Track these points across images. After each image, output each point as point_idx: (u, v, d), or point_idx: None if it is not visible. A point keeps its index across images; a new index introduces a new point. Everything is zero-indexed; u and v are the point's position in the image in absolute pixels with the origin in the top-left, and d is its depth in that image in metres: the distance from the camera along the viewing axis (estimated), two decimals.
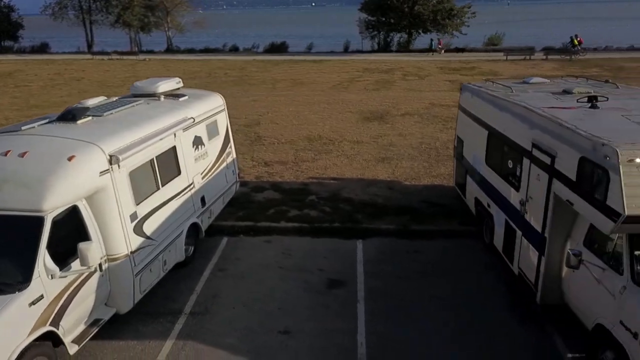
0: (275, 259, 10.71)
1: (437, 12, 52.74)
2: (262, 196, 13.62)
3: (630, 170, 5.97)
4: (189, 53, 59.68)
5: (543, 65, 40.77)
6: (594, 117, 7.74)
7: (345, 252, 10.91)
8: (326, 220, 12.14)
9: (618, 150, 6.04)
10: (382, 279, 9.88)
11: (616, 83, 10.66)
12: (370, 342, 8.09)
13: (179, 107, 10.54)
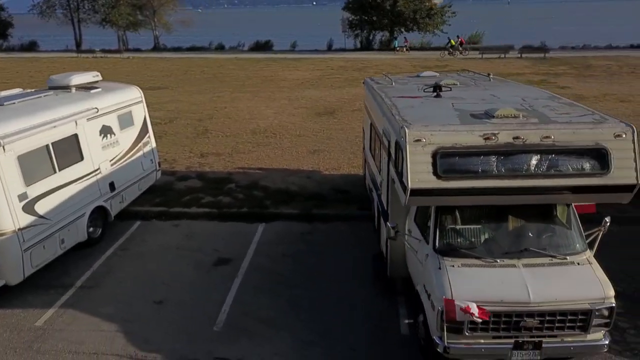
0: (177, 241, 11.50)
1: (417, 11, 53.30)
2: (184, 184, 14.42)
3: (416, 149, 6.75)
4: (175, 51, 60.48)
5: (514, 63, 41.46)
6: (427, 104, 8.52)
7: (245, 235, 11.69)
8: (235, 206, 12.92)
9: (407, 131, 6.82)
10: (268, 257, 10.67)
11: (491, 76, 11.37)
12: (233, 310, 8.88)
13: (85, 98, 11.34)
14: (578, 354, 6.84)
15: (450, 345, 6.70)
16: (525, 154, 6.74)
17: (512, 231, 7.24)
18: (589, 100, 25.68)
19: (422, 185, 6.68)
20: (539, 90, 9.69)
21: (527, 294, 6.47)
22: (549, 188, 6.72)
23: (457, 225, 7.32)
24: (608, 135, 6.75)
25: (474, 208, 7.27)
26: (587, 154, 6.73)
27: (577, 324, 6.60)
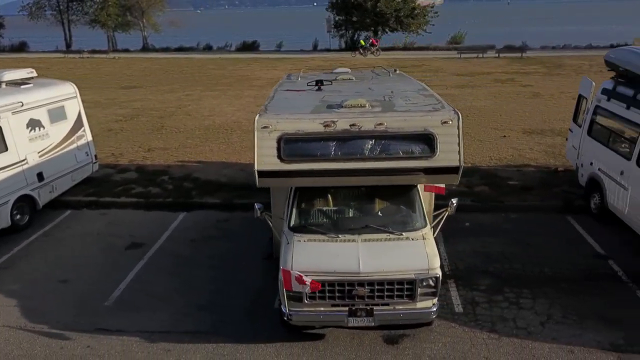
0: (99, 228, 12.24)
1: (400, 11, 53.95)
2: (121, 176, 15.17)
3: (263, 135, 7.48)
4: (163, 52, 61.24)
5: (489, 63, 42.07)
6: (301, 97, 9.23)
7: (164, 222, 12.43)
8: (162, 196, 13.65)
9: (256, 119, 7.55)
10: (178, 243, 11.40)
11: (394, 72, 12.08)
12: (129, 288, 9.62)
13: (13, 93, 12.10)
14: (408, 321, 7.53)
15: (292, 313, 7.41)
16: (361, 139, 7.45)
17: (357, 210, 7.96)
18: (544, 97, 26.40)
19: (268, 168, 7.41)
20: (417, 84, 10.38)
21: (358, 265, 7.18)
22: (381, 170, 7.43)
23: (310, 205, 8.03)
24: (436, 122, 7.46)
25: (326, 189, 7.98)
26: (416, 139, 7.43)
27: (405, 293, 7.29)
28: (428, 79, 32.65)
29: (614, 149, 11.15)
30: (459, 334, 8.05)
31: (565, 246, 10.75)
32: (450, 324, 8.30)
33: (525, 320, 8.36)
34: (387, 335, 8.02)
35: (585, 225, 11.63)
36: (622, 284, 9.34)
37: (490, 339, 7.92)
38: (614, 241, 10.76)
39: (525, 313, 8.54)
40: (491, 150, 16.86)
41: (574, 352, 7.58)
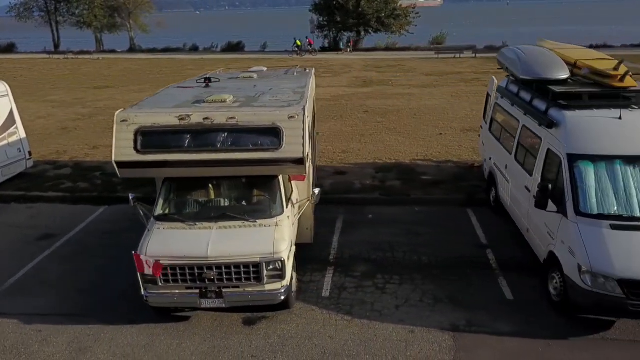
0: (21, 221, 12.80)
1: (381, 11, 54.47)
2: (55, 172, 15.73)
3: (121, 128, 8.03)
4: (149, 52, 61.83)
5: (463, 63, 42.49)
6: (180, 93, 9.77)
7: (83, 215, 12.98)
8: (89, 190, 14.19)
9: (116, 113, 8.10)
10: (89, 234, 11.97)
11: (296, 72, 12.62)
12: (26, 275, 10.19)
13: None
14: (258, 302, 8.06)
15: (149, 295, 7.95)
16: (213, 132, 8.00)
17: (218, 200, 8.50)
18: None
19: (125, 159, 7.96)
20: (302, 83, 10.89)
21: (206, 250, 7.71)
22: (232, 161, 7.97)
23: (175, 195, 8.58)
24: (283, 117, 7.99)
25: (190, 180, 8.52)
26: (264, 132, 7.98)
27: (252, 276, 7.82)
28: (396, 79, 33.27)
29: (503, 144, 11.67)
30: (315, 316, 8.56)
31: (453, 237, 11.24)
32: (312, 307, 8.80)
33: (382, 303, 8.86)
34: (247, 318, 8.53)
35: (481, 217, 12.12)
36: (490, 271, 9.84)
37: (343, 320, 8.42)
38: (499, 232, 11.27)
39: (386, 297, 9.04)
40: (421, 147, 17.36)
41: (414, 332, 8.09)
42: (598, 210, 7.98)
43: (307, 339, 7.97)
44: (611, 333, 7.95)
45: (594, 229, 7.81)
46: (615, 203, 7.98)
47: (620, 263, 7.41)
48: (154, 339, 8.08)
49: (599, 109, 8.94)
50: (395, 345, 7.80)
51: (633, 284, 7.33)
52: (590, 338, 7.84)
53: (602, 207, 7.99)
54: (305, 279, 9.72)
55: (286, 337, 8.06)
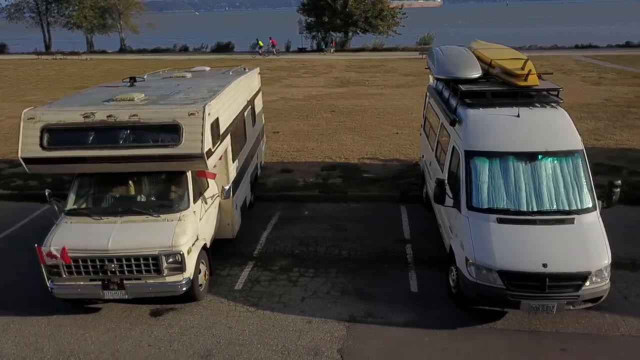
0: None
1: (368, 12, 54.76)
2: (10, 171, 16.07)
3: (28, 125, 8.33)
4: (139, 53, 62.18)
5: None
6: (105, 91, 10.05)
7: (29, 212, 13.28)
8: (38, 188, 14.50)
9: (23, 111, 8.40)
10: (28, 230, 12.22)
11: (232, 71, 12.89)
12: None
13: None
14: (159, 293, 8.34)
15: (53, 286, 8.24)
16: (116, 129, 8.28)
17: (126, 195, 8.78)
18: None
19: (30, 155, 8.26)
20: (224, 81, 11.15)
21: (107, 243, 8.00)
22: (134, 157, 8.26)
23: (86, 191, 8.87)
24: (184, 114, 8.29)
25: (100, 176, 8.81)
26: (165, 129, 8.26)
27: (152, 268, 8.11)
28: (373, 79, 33.50)
29: (430, 141, 11.95)
30: (222, 307, 8.85)
31: (378, 232, 11.51)
32: (221, 299, 9.09)
33: (290, 295, 9.14)
34: (155, 309, 8.82)
35: (411, 213, 12.40)
36: (404, 265, 10.11)
37: (247, 311, 8.71)
38: (424, 228, 11.53)
39: (295, 290, 9.33)
40: (374, 146, 17.63)
41: (311, 322, 8.37)
42: (488, 205, 8.25)
43: (207, 329, 8.25)
44: (500, 323, 8.21)
45: (482, 223, 8.09)
46: (504, 198, 8.25)
47: (501, 255, 7.68)
48: (60, 329, 8.37)
49: (501, 107, 9.19)
50: (289, 335, 8.07)
51: (512, 275, 7.59)
52: (478, 328, 8.11)
53: (492, 202, 8.26)
54: (224, 272, 9.98)
55: (187, 327, 8.34)
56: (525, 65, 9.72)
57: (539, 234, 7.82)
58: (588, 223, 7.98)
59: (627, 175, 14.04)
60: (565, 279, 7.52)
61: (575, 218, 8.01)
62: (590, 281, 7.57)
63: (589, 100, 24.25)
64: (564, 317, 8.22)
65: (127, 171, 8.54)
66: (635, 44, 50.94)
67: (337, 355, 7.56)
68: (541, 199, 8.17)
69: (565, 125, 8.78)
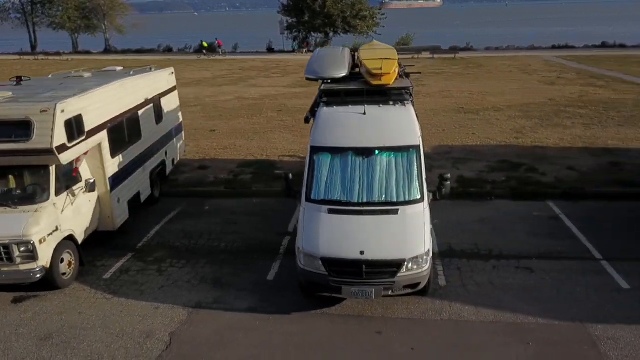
0: None
1: (346, 12, 55.20)
2: None
3: None
4: (123, 53, 62.77)
5: (417, 63, 42.74)
6: None
7: None
8: None
9: None
10: None
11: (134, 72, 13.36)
12: None
13: None
14: (13, 280, 8.84)
15: None
16: None
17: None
18: (419, 96, 27.34)
19: None
20: (107, 81, 11.57)
21: None
22: None
23: None
24: (36, 111, 8.79)
25: None
26: (18, 125, 8.76)
27: (4, 256, 8.61)
28: None
29: None
30: (82, 295, 9.36)
31: (265, 226, 12.00)
32: (85, 287, 9.62)
33: (151, 284, 9.65)
34: (20, 296, 9.33)
35: None
36: (274, 256, 10.59)
37: (104, 298, 9.22)
38: None
39: (159, 279, 9.84)
40: (302, 144, 18.02)
41: (159, 308, 8.87)
42: (323, 197, 8.73)
43: (58, 315, 8.75)
44: (333, 309, 8.68)
45: (315, 214, 8.57)
46: (339, 190, 8.72)
47: (324, 243, 8.16)
48: None
49: (354, 105, 9.65)
50: (132, 319, 8.56)
51: (333, 262, 8.06)
52: (311, 313, 8.58)
53: (327, 194, 8.74)
54: (100, 263, 10.49)
55: (40, 312, 8.84)
56: (383, 66, 10.17)
57: (363, 224, 8.29)
58: (412, 214, 8.44)
59: (523, 172, 14.47)
60: (380, 266, 7.97)
61: (400, 209, 8.46)
62: (406, 268, 8.00)
63: (532, 99, 24.68)
64: (395, 304, 8.67)
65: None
66: (611, 45, 51.20)
67: (167, 338, 8.03)
68: (372, 192, 8.64)
69: (406, 123, 9.25)
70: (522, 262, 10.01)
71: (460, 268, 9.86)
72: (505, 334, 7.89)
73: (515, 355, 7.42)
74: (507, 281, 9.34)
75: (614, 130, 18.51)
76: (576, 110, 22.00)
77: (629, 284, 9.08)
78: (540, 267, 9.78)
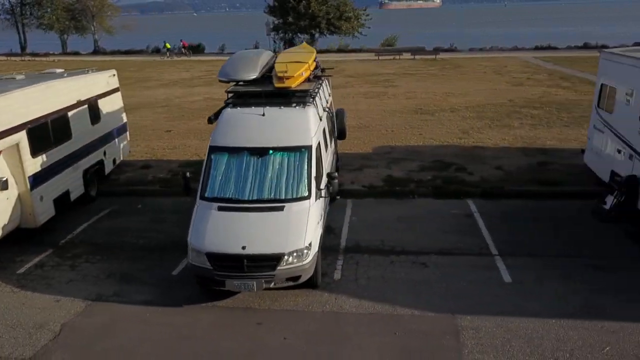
0: None
1: (330, 14, 55.61)
2: None
3: None
4: (111, 54, 63.35)
5: (397, 64, 43.48)
6: None
7: None
8: None
9: None
10: None
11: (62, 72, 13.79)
12: None
13: None
14: None
15: None
16: None
17: None
18: (384, 97, 27.80)
19: None
20: (32, 83, 12.00)
21: None
22: None
23: None
24: None
25: None
26: None
27: None
28: None
29: None
30: None
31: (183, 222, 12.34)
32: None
33: (62, 278, 10.07)
34: None
35: None
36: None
37: (11, 291, 9.63)
38: None
39: (72, 274, 10.25)
40: None
41: (60, 300, 9.28)
42: (217, 195, 9.14)
43: None
44: (224, 302, 9.09)
45: (206, 211, 8.99)
46: (232, 189, 9.14)
47: (209, 239, 8.58)
48: None
49: (257, 106, 10.06)
50: (30, 311, 8.98)
51: (216, 257, 8.48)
52: (202, 305, 8.99)
53: (220, 192, 9.16)
54: (19, 258, 10.91)
55: None
56: (288, 69, 10.58)
57: (248, 220, 8.71)
58: (297, 211, 8.85)
59: (452, 171, 14.86)
60: (260, 260, 8.39)
61: (286, 206, 8.87)
62: (286, 262, 8.40)
63: (493, 100, 25.04)
64: (285, 296, 9.08)
65: None
66: (592, 46, 51.47)
67: (58, 328, 8.44)
68: (262, 190, 9.06)
69: (301, 124, 9.65)
70: (420, 257, 10.35)
71: (359, 263, 10.21)
72: (378, 325, 8.28)
73: (379, 344, 7.81)
74: (398, 275, 9.72)
75: (558, 130, 18.87)
76: (530, 111, 22.34)
77: (512, 278, 9.43)
78: (435, 262, 10.14)
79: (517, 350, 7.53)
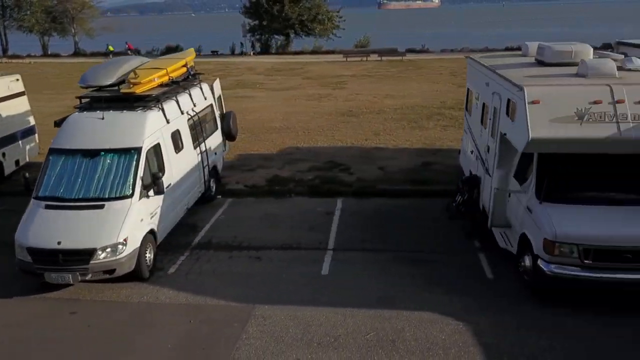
0: None
1: (303, 16, 56.27)
2: None
3: None
4: (92, 56, 64.12)
5: (362, 65, 43.79)
6: None
7: None
8: None
9: None
10: None
11: None
12: None
13: None
14: None
15: None
16: None
17: None
18: (328, 99, 28.29)
19: None
20: None
21: None
22: None
23: None
24: None
25: None
26: None
27: None
28: (270, 82, 34.75)
29: None
30: None
31: None
32: None
33: None
34: None
35: None
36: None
37: None
38: None
39: None
40: None
41: None
42: (46, 194, 9.80)
43: None
44: (54, 293, 9.67)
45: (35, 209, 9.66)
46: (61, 188, 9.81)
47: (31, 235, 9.27)
48: None
49: (102, 110, 10.71)
50: None
51: (34, 251, 9.16)
52: (32, 297, 9.58)
53: (51, 191, 9.83)
54: None
55: None
56: (138, 76, 11.23)
57: (67, 218, 9.38)
58: (116, 209, 9.51)
59: (336, 172, 15.48)
60: (74, 254, 9.05)
61: (107, 204, 9.53)
62: (98, 256, 9.06)
63: (427, 102, 25.61)
64: (111, 289, 9.69)
65: None
66: None
67: None
68: (89, 189, 9.70)
69: (136, 127, 10.30)
70: (260, 252, 10.99)
71: (200, 258, 10.85)
72: (180, 315, 8.90)
73: (170, 331, 8.44)
74: (229, 269, 10.36)
75: None
76: (453, 112, 22.88)
77: (328, 271, 10.09)
78: (270, 257, 10.78)
79: (290, 336, 8.15)
